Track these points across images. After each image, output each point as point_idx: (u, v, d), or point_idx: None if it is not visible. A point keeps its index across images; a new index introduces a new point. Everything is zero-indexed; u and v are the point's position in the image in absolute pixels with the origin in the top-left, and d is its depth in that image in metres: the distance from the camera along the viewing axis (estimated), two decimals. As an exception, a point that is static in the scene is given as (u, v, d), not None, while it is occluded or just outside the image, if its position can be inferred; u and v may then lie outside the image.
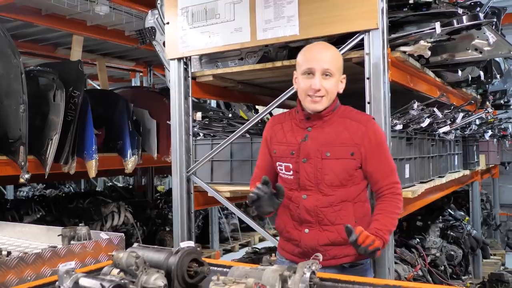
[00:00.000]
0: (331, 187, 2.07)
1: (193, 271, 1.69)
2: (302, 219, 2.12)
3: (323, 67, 2.02)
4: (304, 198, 2.10)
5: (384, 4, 2.40)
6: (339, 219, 2.08)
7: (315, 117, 2.10)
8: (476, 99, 4.82)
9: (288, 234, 2.18)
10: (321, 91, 2.03)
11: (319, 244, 2.10)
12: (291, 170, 2.12)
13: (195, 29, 2.87)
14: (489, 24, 2.81)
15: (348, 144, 2.06)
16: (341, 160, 2.06)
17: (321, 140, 2.08)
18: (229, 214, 7.97)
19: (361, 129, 2.07)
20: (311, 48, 2.14)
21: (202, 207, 3.40)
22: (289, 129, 2.17)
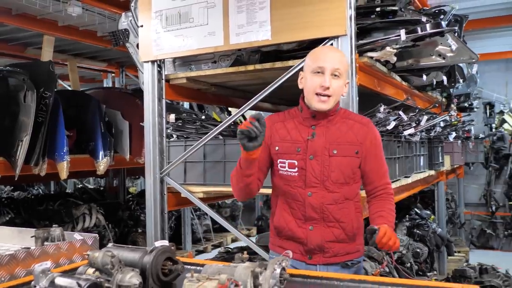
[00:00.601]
0: (336, 184, 2.13)
1: (167, 269, 1.74)
2: (307, 217, 2.14)
3: (334, 66, 2.08)
4: (310, 195, 2.13)
5: (353, 11, 2.50)
6: (343, 216, 2.15)
7: (321, 116, 2.14)
8: (441, 102, 5.00)
9: (291, 233, 2.19)
10: (329, 89, 2.07)
11: (325, 240, 2.14)
12: (296, 167, 2.14)
13: (169, 32, 2.91)
14: (451, 32, 2.95)
15: (354, 143, 2.14)
16: (347, 158, 2.13)
17: (328, 138, 2.13)
18: (201, 215, 7.99)
19: (364, 130, 2.16)
20: (321, 49, 2.24)
21: (175, 208, 3.44)
22: (293, 127, 2.19)
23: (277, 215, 2.22)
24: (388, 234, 1.95)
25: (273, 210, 2.28)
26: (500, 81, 8.70)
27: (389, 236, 1.95)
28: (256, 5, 2.66)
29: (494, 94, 8.67)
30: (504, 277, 4.62)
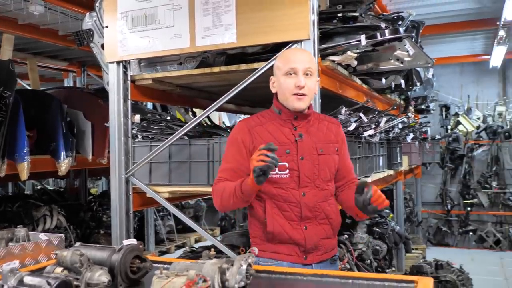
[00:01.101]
0: (325, 181, 2.20)
1: (136, 267, 1.77)
2: (303, 217, 2.16)
3: (305, 66, 2.14)
4: (304, 195, 2.15)
5: (315, 16, 2.59)
6: (331, 212, 2.22)
7: (301, 117, 2.20)
8: (399, 104, 5.18)
9: (287, 236, 2.16)
10: (305, 88, 2.12)
11: (319, 238, 2.19)
12: (286, 169, 2.14)
13: (135, 33, 2.93)
14: (409, 38, 3.08)
15: (333, 141, 2.25)
16: (332, 155, 2.23)
17: (313, 137, 2.20)
18: (164, 216, 7.96)
19: (337, 129, 2.31)
20: (290, 51, 2.33)
21: (140, 208, 3.44)
22: (275, 129, 2.20)
23: (269, 221, 2.16)
24: (378, 191, 1.99)
25: (259, 216, 2.21)
26: (455, 84, 9.05)
27: (379, 193, 1.99)
28: (222, 8, 2.71)
29: (450, 97, 9.01)
30: (458, 272, 4.83)
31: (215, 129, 3.76)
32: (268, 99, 4.64)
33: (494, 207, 8.59)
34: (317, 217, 2.19)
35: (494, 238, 8.24)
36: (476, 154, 8.78)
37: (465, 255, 7.52)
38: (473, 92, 8.95)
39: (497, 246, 8.13)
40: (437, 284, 4.68)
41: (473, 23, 6.13)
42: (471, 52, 8.22)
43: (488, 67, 8.34)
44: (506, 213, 8.47)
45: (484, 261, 7.26)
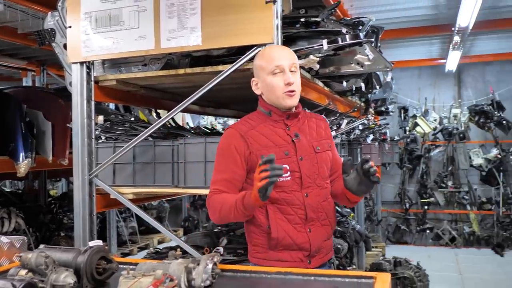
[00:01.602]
0: (324, 179, 2.18)
1: (101, 268, 1.78)
2: (308, 219, 2.09)
3: (290, 62, 2.11)
4: (307, 196, 2.09)
5: (279, 21, 2.64)
6: (331, 211, 2.20)
7: (293, 115, 2.16)
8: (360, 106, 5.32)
9: (292, 241, 2.08)
10: (294, 84, 2.08)
11: (322, 240, 2.15)
12: (288, 172, 2.06)
13: (99, 34, 2.91)
14: (369, 43, 3.19)
15: (324, 137, 2.23)
16: (326, 152, 2.20)
17: (308, 136, 2.17)
18: (127, 217, 7.88)
19: (325, 125, 2.29)
20: (271, 49, 2.22)
21: (104, 210, 3.41)
22: (269, 132, 2.12)
23: (273, 227, 2.06)
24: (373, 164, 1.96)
25: (261, 223, 2.10)
26: (413, 87, 9.32)
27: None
28: (187, 11, 2.73)
29: (408, 99, 9.28)
30: (416, 269, 5.00)
31: (179, 130, 3.77)
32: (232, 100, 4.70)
33: (450, 206, 8.90)
34: (319, 218, 2.14)
35: (449, 235, 8.55)
36: (432, 154, 9.07)
37: (422, 252, 7.76)
38: (430, 94, 9.25)
39: (452, 243, 8.43)
40: (396, 280, 4.84)
41: (430, 28, 6.36)
42: (428, 56, 8.50)
43: (444, 70, 8.64)
44: (461, 211, 8.80)
45: (440, 258, 7.53)
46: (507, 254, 7.66)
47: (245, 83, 3.20)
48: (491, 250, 7.91)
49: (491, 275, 6.46)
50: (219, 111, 5.13)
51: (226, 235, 3.99)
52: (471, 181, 8.77)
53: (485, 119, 8.37)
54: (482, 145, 8.80)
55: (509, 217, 8.22)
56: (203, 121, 9.69)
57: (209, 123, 9.56)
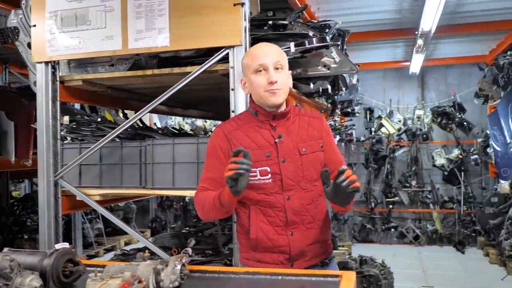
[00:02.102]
0: (311, 182, 2.08)
1: (68, 271, 1.77)
2: (288, 222, 2.05)
3: (273, 60, 2.04)
4: (288, 199, 2.05)
5: (247, 23, 2.67)
6: (319, 214, 2.11)
7: (279, 116, 2.09)
8: (327, 107, 5.40)
9: (271, 243, 2.06)
10: (277, 83, 2.03)
11: (306, 244, 2.08)
12: (269, 174, 2.04)
13: (65, 33, 2.87)
14: (335, 46, 3.25)
15: (316, 137, 2.13)
16: (315, 153, 2.10)
17: (295, 137, 2.09)
18: (93, 219, 7.76)
19: (319, 123, 2.16)
20: (256, 47, 2.14)
21: (70, 211, 3.37)
22: (253, 133, 2.10)
23: (252, 228, 2.07)
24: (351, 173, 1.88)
25: (243, 223, 2.11)
26: (378, 89, 9.51)
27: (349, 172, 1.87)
28: (155, 12, 2.73)
29: (374, 101, 9.45)
30: (381, 267, 5.10)
31: (147, 131, 3.76)
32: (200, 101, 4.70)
33: (414, 205, 9.11)
34: (304, 222, 2.08)
35: (413, 233, 8.75)
36: (397, 155, 9.27)
37: (387, 251, 7.93)
38: (395, 96, 9.45)
39: (416, 241, 8.63)
40: (361, 278, 4.93)
41: (394, 32, 6.51)
42: (393, 58, 8.69)
43: (408, 73, 8.85)
44: (424, 210, 9.03)
45: (404, 256, 7.71)
46: (467, 251, 7.90)
47: (213, 84, 3.23)
48: (453, 247, 8.15)
49: (452, 272, 6.66)
50: (187, 112, 5.13)
51: (195, 236, 3.99)
52: (433, 180, 9.01)
53: (447, 121, 8.61)
54: (444, 146, 9.05)
55: (469, 215, 8.49)
56: (171, 121, 9.63)
57: (176, 123, 9.51)
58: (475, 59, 8.28)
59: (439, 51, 8.03)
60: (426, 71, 9.21)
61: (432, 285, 5.99)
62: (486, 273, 6.53)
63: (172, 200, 9.07)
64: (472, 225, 8.30)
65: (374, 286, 4.91)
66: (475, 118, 8.75)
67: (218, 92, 3.53)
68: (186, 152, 2.97)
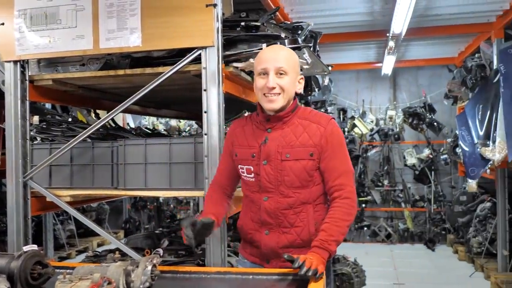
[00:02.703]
0: (291, 188, 2.08)
1: (37, 273, 1.75)
2: (262, 221, 2.13)
3: (276, 65, 2.05)
4: (265, 200, 2.11)
5: (220, 24, 2.69)
6: (299, 221, 2.10)
7: (275, 118, 2.12)
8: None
9: (250, 236, 2.19)
10: (276, 88, 2.04)
11: (278, 246, 2.11)
12: (252, 173, 2.14)
13: (34, 32, 2.83)
14: (307, 47, 3.28)
15: (307, 145, 2.08)
16: (300, 161, 2.07)
17: (281, 141, 2.10)
18: (64, 220, 7.63)
19: (320, 130, 2.09)
20: (265, 50, 2.20)
21: (40, 213, 3.32)
22: (251, 132, 2.20)
23: (240, 217, 2.27)
24: (308, 259, 1.82)
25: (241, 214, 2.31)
26: (351, 89, 9.61)
27: (309, 261, 1.82)
28: (127, 11, 2.71)
29: (347, 101, 9.56)
30: (353, 265, 5.17)
31: (119, 131, 3.73)
32: (173, 101, 4.68)
33: (386, 204, 9.25)
34: (280, 225, 2.11)
35: (385, 232, 8.89)
36: (370, 154, 9.39)
37: (360, 249, 8.04)
38: (368, 97, 9.57)
39: (388, 240, 8.78)
40: (334, 277, 4.99)
41: (367, 34, 6.59)
42: (366, 60, 8.80)
43: (381, 74, 8.98)
44: (396, 209, 9.17)
45: (377, 254, 7.82)
46: (437, 248, 8.07)
47: (186, 85, 3.23)
48: (424, 245, 8.31)
49: (423, 269, 6.79)
50: (161, 112, 5.11)
51: (168, 236, 3.97)
52: (405, 180, 9.16)
53: (418, 121, 8.77)
54: (415, 146, 9.21)
55: (439, 213, 8.67)
56: (145, 121, 9.55)
57: (150, 123, 9.44)
58: (445, 61, 8.46)
59: (410, 53, 8.17)
60: (398, 72, 9.36)
61: (403, 282, 6.10)
62: (455, 270, 6.69)
63: (146, 201, 9.00)
64: (442, 223, 8.48)
65: (347, 285, 4.98)
66: (445, 119, 8.94)
67: (191, 92, 3.53)
68: (158, 152, 2.97)
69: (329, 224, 2.01)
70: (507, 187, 5.67)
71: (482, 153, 5.13)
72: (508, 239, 5.69)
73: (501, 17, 5.48)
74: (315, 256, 1.87)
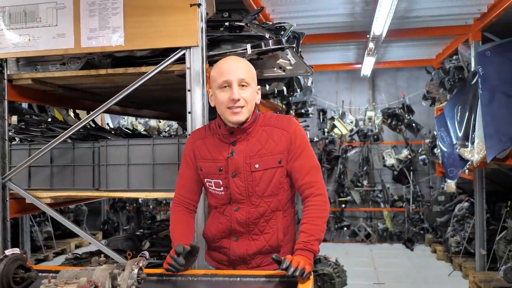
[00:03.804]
0: (262, 197, 2.07)
1: (19, 278, 1.71)
2: (232, 230, 2.11)
3: (239, 77, 2.00)
4: (236, 211, 2.08)
5: (204, 24, 2.67)
6: (268, 228, 2.09)
7: (239, 131, 2.07)
8: (282, 109, 5.46)
9: (218, 243, 2.16)
10: (240, 101, 2.00)
11: (247, 253, 2.10)
12: (221, 186, 2.10)
13: (13, 30, 2.77)
14: (290, 48, 3.28)
15: (275, 152, 2.06)
16: (270, 170, 2.06)
17: (248, 152, 2.06)
18: (42, 222, 7.49)
19: (284, 135, 2.07)
20: (223, 62, 2.11)
21: (19, 215, 3.25)
22: (213, 145, 2.13)
23: (207, 227, 2.22)
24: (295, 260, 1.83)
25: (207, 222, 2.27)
26: (331, 90, 9.67)
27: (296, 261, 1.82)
28: (109, 10, 2.67)
29: (327, 102, 9.62)
30: (334, 265, 5.20)
31: (99, 131, 3.67)
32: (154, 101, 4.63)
33: (365, 204, 9.33)
34: (251, 232, 2.11)
35: (365, 232, 8.97)
36: (349, 155, 9.46)
37: (340, 249, 8.09)
38: (347, 97, 9.64)
39: (367, 240, 8.86)
40: (316, 277, 5.01)
41: (347, 35, 6.63)
42: (345, 61, 8.86)
43: (360, 75, 9.06)
44: (375, 209, 9.26)
45: (357, 254, 7.88)
46: (416, 248, 8.17)
47: (169, 85, 3.20)
48: (403, 245, 8.41)
49: (402, 268, 6.87)
50: (141, 112, 5.06)
51: (149, 238, 3.94)
52: (384, 180, 9.25)
53: (397, 122, 8.88)
54: (394, 146, 9.32)
55: (418, 213, 8.78)
56: (123, 121, 9.44)
57: (129, 123, 9.33)
58: (423, 62, 8.58)
59: (389, 54, 8.26)
60: (377, 74, 9.46)
61: (383, 282, 6.16)
62: (434, 269, 6.78)
63: (125, 202, 8.90)
64: (421, 223, 8.59)
65: (328, 285, 5.00)
66: (423, 120, 9.07)
67: (173, 92, 3.50)
68: (141, 153, 2.93)
69: (307, 225, 2.00)
70: (484, 187, 5.77)
71: (461, 154, 5.22)
72: (485, 238, 5.79)
73: (479, 19, 5.57)
74: (301, 258, 1.88)
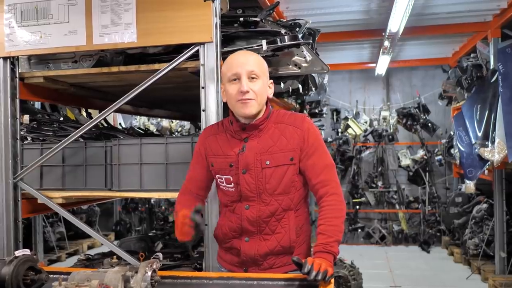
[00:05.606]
0: (273, 195, 2.04)
1: (29, 279, 1.65)
2: (243, 229, 2.07)
3: (248, 69, 1.99)
4: (247, 209, 2.05)
5: (218, 19, 2.60)
6: (280, 227, 2.05)
7: (251, 127, 2.05)
8: (296, 108, 5.38)
9: (229, 244, 2.12)
10: (250, 93, 1.98)
11: (258, 253, 2.05)
12: (231, 183, 2.07)
13: (25, 28, 2.73)
14: (306, 44, 3.20)
15: (286, 149, 2.03)
16: (281, 167, 2.03)
17: (259, 149, 2.04)
18: (54, 222, 7.49)
19: (297, 132, 2.04)
20: (233, 55, 2.11)
21: (30, 215, 3.22)
22: (225, 141, 2.11)
23: (218, 226, 2.19)
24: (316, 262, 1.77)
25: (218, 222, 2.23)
26: (345, 90, 9.57)
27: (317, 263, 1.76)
28: (121, 6, 2.62)
29: (340, 102, 9.52)
30: (350, 268, 5.11)
31: (112, 130, 3.63)
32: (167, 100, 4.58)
33: (380, 205, 9.20)
34: (262, 232, 2.06)
35: (379, 234, 8.84)
36: (363, 155, 9.35)
37: (354, 251, 7.96)
38: (361, 97, 9.53)
39: (382, 242, 8.73)
40: (331, 279, 4.92)
41: (361, 33, 6.54)
42: (359, 60, 8.76)
43: (374, 74, 8.95)
44: (390, 210, 9.14)
45: (371, 256, 7.76)
46: (432, 250, 8.02)
47: (182, 83, 3.14)
48: (418, 247, 8.27)
49: (419, 271, 6.74)
50: (153, 112, 5.00)
51: (162, 239, 3.88)
52: (399, 181, 9.12)
53: (412, 122, 8.74)
54: (409, 147, 9.18)
55: (434, 215, 8.63)
56: (135, 122, 9.43)
57: (141, 123, 9.31)
58: (439, 61, 8.44)
59: (404, 52, 8.14)
60: (392, 73, 9.33)
61: (399, 284, 6.04)
62: (451, 272, 6.64)
63: (137, 203, 8.88)
64: (437, 225, 8.44)
65: (344, 287, 4.91)
66: (439, 119, 8.92)
67: (186, 91, 3.44)
68: (153, 152, 2.88)
69: (325, 226, 1.95)
70: (504, 189, 5.63)
71: (481, 153, 5.09)
72: (505, 240, 5.65)
73: (498, 16, 5.45)
74: (321, 260, 1.80)
